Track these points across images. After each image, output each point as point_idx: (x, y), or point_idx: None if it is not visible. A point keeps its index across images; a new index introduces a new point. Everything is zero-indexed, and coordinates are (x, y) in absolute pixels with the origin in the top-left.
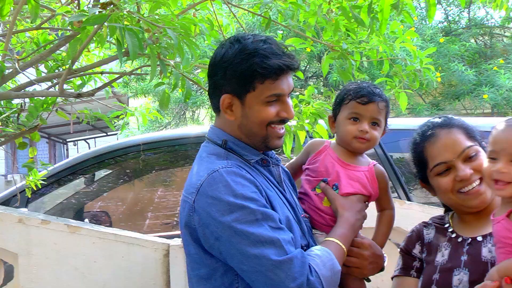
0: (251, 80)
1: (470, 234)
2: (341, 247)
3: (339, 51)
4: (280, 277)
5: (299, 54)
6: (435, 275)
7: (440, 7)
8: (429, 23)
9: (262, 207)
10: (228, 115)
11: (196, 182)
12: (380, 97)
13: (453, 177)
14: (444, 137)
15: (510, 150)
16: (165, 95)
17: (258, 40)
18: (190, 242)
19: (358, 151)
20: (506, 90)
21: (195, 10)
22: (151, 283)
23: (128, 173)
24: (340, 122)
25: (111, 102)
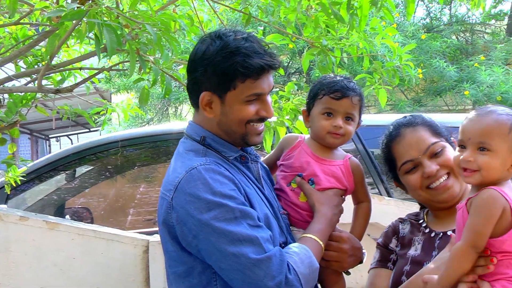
0: (232, 79)
1: (442, 228)
2: (319, 243)
3: (319, 47)
4: (259, 275)
5: (282, 50)
6: (406, 267)
7: (422, 4)
8: (407, 20)
9: (240, 205)
10: (208, 113)
11: (174, 179)
12: (354, 92)
13: (421, 174)
14: (409, 135)
15: (476, 139)
16: (144, 91)
17: (240, 38)
18: (168, 240)
19: (332, 146)
20: (487, 86)
21: (175, 6)
22: (130, 279)
23: (109, 169)
24: (314, 117)
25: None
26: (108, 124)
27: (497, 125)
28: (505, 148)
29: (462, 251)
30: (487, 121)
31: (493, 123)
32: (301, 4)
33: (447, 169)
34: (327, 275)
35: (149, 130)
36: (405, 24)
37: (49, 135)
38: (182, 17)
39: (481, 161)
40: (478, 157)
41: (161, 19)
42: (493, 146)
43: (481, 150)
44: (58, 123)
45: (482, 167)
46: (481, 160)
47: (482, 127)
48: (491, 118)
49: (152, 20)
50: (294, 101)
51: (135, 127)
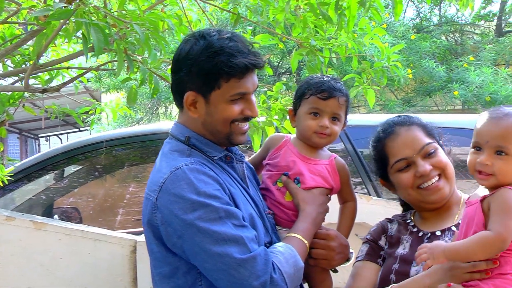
0: (216, 79)
1: (430, 228)
2: (304, 243)
3: (308, 47)
4: (244, 275)
5: (272, 50)
6: (394, 265)
7: (412, 5)
8: (396, 20)
9: (225, 205)
10: (192, 112)
11: (158, 179)
12: (341, 92)
13: (413, 173)
14: (404, 134)
15: (494, 143)
16: (132, 90)
17: (223, 37)
18: (152, 240)
19: (318, 146)
20: (476, 86)
21: (163, 6)
22: (118, 279)
23: (98, 169)
24: (300, 117)
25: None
26: (98, 123)
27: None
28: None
29: (490, 243)
30: (506, 124)
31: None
32: (289, 4)
33: (439, 171)
34: (314, 274)
35: (139, 130)
36: (395, 24)
37: (38, 135)
38: (171, 17)
39: (498, 166)
40: (495, 161)
41: (149, 19)
42: (511, 150)
43: (498, 154)
44: (48, 123)
45: (499, 171)
46: (498, 164)
47: (501, 131)
48: (509, 122)
49: (141, 20)
50: (282, 101)
51: (125, 126)
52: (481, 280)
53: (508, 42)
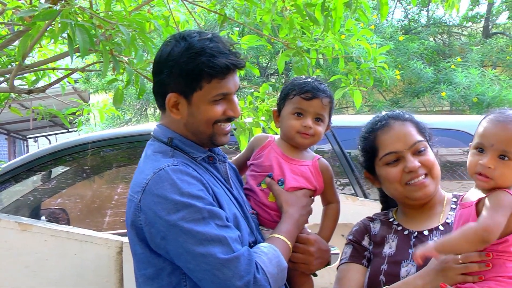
0: (198, 80)
1: (415, 227)
2: (287, 244)
3: (295, 48)
4: (227, 275)
5: (260, 51)
6: (383, 266)
7: (400, 6)
8: (381, 22)
9: (208, 205)
10: (174, 114)
11: (142, 180)
12: (325, 93)
13: (402, 168)
14: (397, 128)
15: (499, 147)
16: (118, 91)
17: (204, 38)
18: (136, 242)
19: (301, 146)
20: (463, 88)
21: (150, 7)
22: (104, 281)
23: (86, 170)
24: (284, 117)
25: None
26: (86, 124)
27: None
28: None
29: (473, 232)
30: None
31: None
32: (276, 5)
33: (426, 170)
34: (295, 277)
35: (127, 131)
36: (383, 25)
37: (26, 136)
38: (157, 18)
39: (500, 170)
40: (497, 165)
41: (135, 20)
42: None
43: (501, 158)
44: (36, 124)
45: (500, 175)
46: (500, 168)
47: (508, 136)
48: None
49: (128, 21)
50: (269, 102)
51: (113, 127)
52: (476, 283)
53: (495, 44)
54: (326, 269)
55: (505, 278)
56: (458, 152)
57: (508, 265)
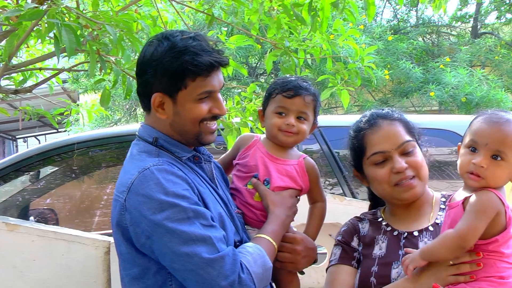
0: (182, 78)
1: (405, 228)
2: (272, 244)
3: (282, 48)
4: (212, 275)
5: (250, 51)
6: (373, 267)
7: (389, 6)
8: (368, 22)
9: (193, 205)
10: (160, 114)
11: (127, 180)
12: (307, 91)
13: (390, 169)
14: (385, 127)
15: (493, 146)
16: (105, 92)
17: (187, 37)
18: (121, 242)
19: (285, 145)
20: (452, 87)
21: (137, 7)
22: (91, 281)
23: (75, 170)
24: (268, 116)
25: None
26: (76, 124)
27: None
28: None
29: (450, 239)
30: (508, 130)
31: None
32: (263, 5)
33: (414, 171)
34: (281, 276)
35: (116, 131)
36: (373, 25)
37: (16, 136)
38: (145, 18)
39: (492, 170)
40: (490, 165)
41: (122, 20)
42: (508, 156)
43: (494, 158)
44: (25, 124)
45: (491, 175)
46: (492, 168)
47: (503, 136)
48: (511, 128)
49: (115, 21)
50: (256, 102)
51: (103, 127)
52: (468, 283)
53: (483, 44)
54: (313, 269)
55: (496, 278)
56: (446, 152)
57: (499, 265)
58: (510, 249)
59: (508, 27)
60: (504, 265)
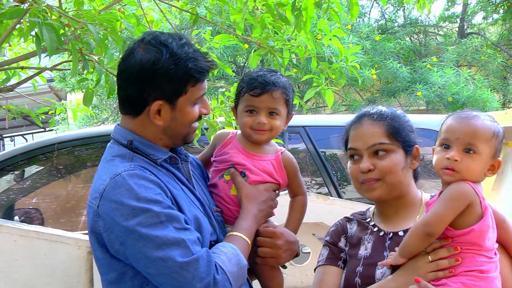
0: (185, 85)
1: (391, 228)
2: (246, 241)
3: (267, 48)
4: (187, 278)
5: (237, 51)
6: (358, 268)
7: (377, 6)
8: (352, 21)
9: (166, 209)
10: (157, 120)
11: (99, 186)
12: (275, 86)
13: (359, 167)
14: (365, 126)
15: (464, 140)
16: (88, 91)
17: (182, 43)
18: (97, 247)
19: (260, 142)
20: (439, 87)
21: (120, 6)
22: (74, 281)
23: (60, 169)
24: (239, 114)
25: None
26: (63, 123)
27: (484, 129)
28: (488, 152)
29: (415, 227)
30: (476, 123)
31: (481, 126)
32: (247, 5)
33: (380, 174)
34: (264, 271)
35: (103, 130)
36: (360, 25)
37: (2, 135)
38: (128, 17)
39: (466, 163)
40: (463, 158)
41: (105, 19)
42: (479, 149)
43: (467, 152)
44: (12, 123)
45: (466, 169)
46: (466, 161)
47: (472, 129)
48: (479, 122)
49: (99, 20)
50: None
51: (90, 126)
52: (449, 279)
53: (470, 44)
54: (297, 268)
55: (476, 273)
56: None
57: (478, 259)
58: (489, 242)
59: (494, 27)
60: (483, 259)
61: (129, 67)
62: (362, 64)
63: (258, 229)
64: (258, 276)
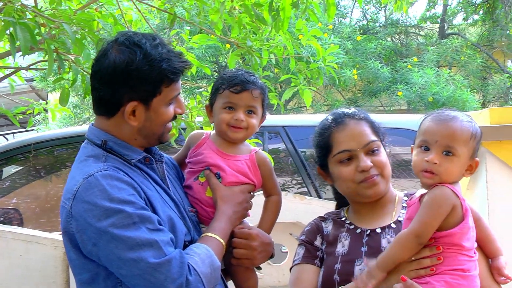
0: (159, 85)
1: (368, 226)
2: (220, 242)
3: (245, 48)
4: (159, 279)
5: (219, 51)
6: (336, 265)
7: (358, 6)
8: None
9: (139, 210)
10: (132, 121)
11: (72, 187)
12: (254, 85)
13: (355, 167)
14: (352, 126)
15: (443, 142)
16: (64, 90)
17: (156, 44)
18: (70, 248)
19: (235, 141)
20: (419, 87)
21: (97, 5)
22: (50, 281)
23: (39, 169)
24: (216, 112)
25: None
26: (43, 123)
27: (462, 131)
28: (466, 154)
29: (405, 239)
30: (455, 126)
31: (460, 128)
32: (224, 5)
33: (378, 170)
34: (239, 272)
35: (82, 129)
36: (342, 26)
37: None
38: (105, 17)
39: (445, 166)
40: (442, 161)
41: (80, 19)
42: (458, 151)
43: (446, 154)
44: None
45: (445, 171)
46: (445, 164)
47: (451, 131)
48: (457, 124)
49: (76, 19)
50: None
51: (71, 125)
52: (431, 277)
53: (450, 44)
54: (274, 268)
55: (459, 271)
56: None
57: (460, 258)
58: (469, 242)
59: (474, 28)
60: (464, 258)
61: (103, 68)
62: (344, 64)
63: (234, 230)
64: (233, 277)
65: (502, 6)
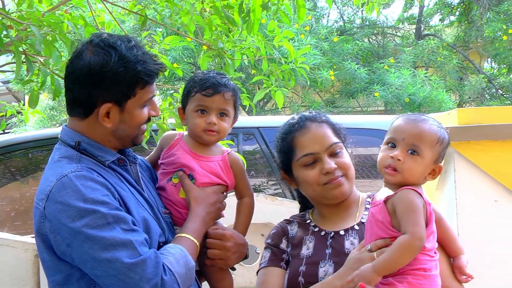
0: (134, 87)
1: (332, 228)
2: (194, 242)
3: (216, 49)
4: (134, 279)
5: (197, 52)
6: (301, 267)
7: (335, 7)
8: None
9: (113, 210)
10: (106, 123)
11: (46, 188)
12: (226, 87)
13: (319, 170)
14: (314, 129)
15: (410, 141)
16: (33, 93)
17: (131, 46)
18: (43, 249)
19: (208, 144)
20: (396, 88)
21: (67, 7)
22: (21, 284)
23: (13, 171)
24: (188, 115)
25: None
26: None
27: (430, 133)
28: (430, 157)
29: (410, 245)
30: (423, 127)
31: (428, 130)
32: (194, 7)
33: (343, 171)
34: (213, 273)
35: (56, 132)
36: (319, 27)
37: None
38: (75, 19)
39: (408, 164)
40: (407, 159)
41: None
42: (423, 151)
43: (411, 153)
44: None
45: (408, 169)
46: (408, 162)
47: (418, 131)
48: (426, 126)
49: (46, 21)
50: None
51: (48, 127)
52: (395, 278)
53: (426, 45)
54: (246, 269)
55: (421, 271)
56: None
57: (421, 257)
58: (430, 243)
59: (450, 29)
60: (426, 257)
61: (77, 70)
62: (321, 65)
63: (208, 231)
64: (207, 277)
65: (478, 7)
